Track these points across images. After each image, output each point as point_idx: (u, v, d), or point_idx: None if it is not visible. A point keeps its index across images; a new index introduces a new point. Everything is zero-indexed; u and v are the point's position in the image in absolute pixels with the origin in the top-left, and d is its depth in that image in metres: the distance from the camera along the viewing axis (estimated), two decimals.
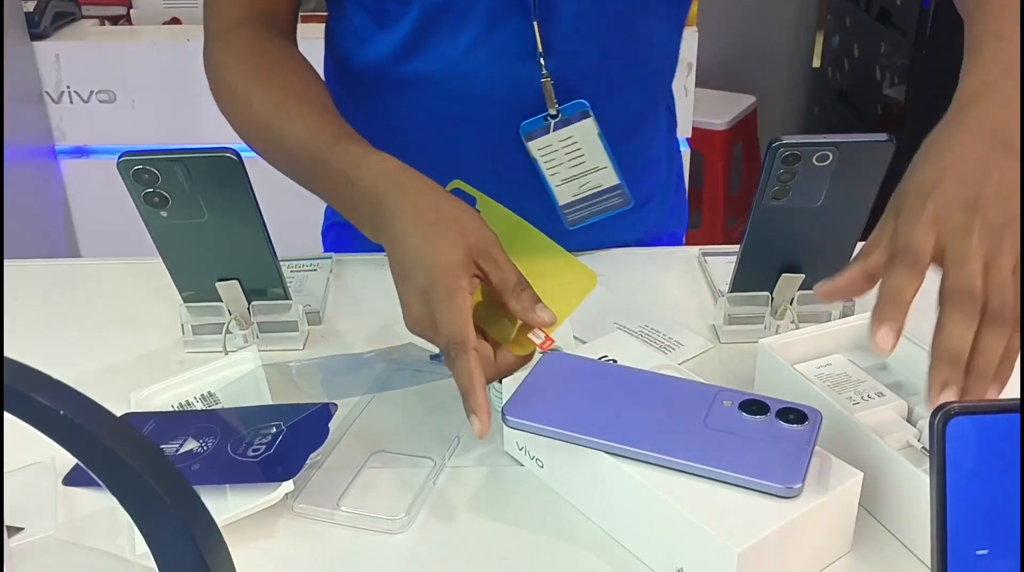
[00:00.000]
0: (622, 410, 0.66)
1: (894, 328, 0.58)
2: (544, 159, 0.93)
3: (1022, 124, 0.63)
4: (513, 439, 0.72)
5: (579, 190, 0.94)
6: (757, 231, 0.79)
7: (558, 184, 0.94)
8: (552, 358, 0.72)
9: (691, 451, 0.61)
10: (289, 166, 0.82)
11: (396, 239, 0.71)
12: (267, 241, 0.81)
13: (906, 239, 0.61)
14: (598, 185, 0.94)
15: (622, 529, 0.65)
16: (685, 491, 0.60)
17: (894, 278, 0.60)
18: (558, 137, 0.92)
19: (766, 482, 0.58)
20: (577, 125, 0.92)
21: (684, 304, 0.93)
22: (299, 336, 0.87)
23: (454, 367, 0.68)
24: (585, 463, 0.65)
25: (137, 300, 0.95)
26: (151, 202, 0.77)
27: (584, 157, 0.93)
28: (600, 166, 0.93)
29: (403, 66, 0.92)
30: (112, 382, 0.83)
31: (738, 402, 0.64)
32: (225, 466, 0.69)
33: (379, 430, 0.76)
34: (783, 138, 0.72)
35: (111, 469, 0.40)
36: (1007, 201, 0.61)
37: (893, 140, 0.73)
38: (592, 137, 0.92)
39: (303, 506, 0.68)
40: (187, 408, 0.78)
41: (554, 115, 0.91)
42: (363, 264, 1.01)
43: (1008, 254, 0.59)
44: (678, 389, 0.67)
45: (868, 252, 0.63)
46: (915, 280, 0.60)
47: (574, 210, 0.96)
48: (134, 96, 2.07)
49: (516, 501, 0.70)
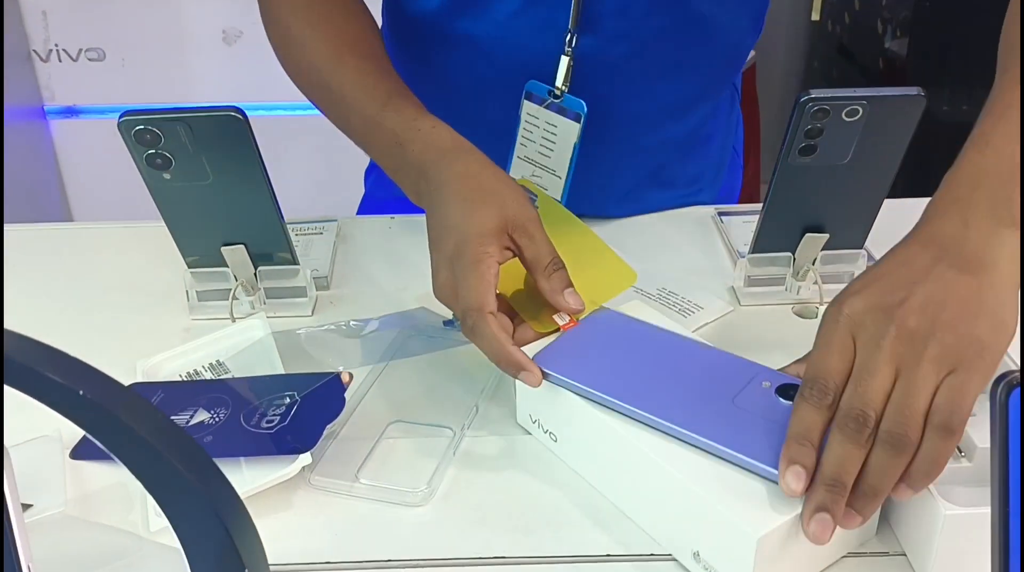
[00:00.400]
0: (652, 376, 0.64)
1: (804, 471, 0.54)
2: (525, 127, 0.90)
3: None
4: (526, 411, 0.70)
5: (529, 177, 0.91)
6: (781, 189, 0.77)
7: (519, 156, 0.91)
8: (600, 315, 0.70)
9: (708, 428, 0.59)
10: (339, 118, 0.81)
11: (436, 206, 0.70)
12: (274, 204, 0.78)
13: (814, 364, 0.57)
14: (544, 187, 0.90)
15: (637, 509, 0.63)
16: (704, 473, 0.57)
17: (801, 415, 0.55)
18: (546, 117, 0.89)
19: (772, 469, 0.56)
20: (565, 121, 0.88)
21: (701, 265, 0.91)
22: (307, 302, 0.85)
23: (473, 334, 0.66)
24: (599, 439, 0.63)
25: (137, 265, 0.92)
26: (154, 164, 0.74)
27: (552, 154, 0.89)
28: (557, 172, 0.90)
29: (453, 22, 0.89)
30: (116, 351, 0.80)
31: (777, 385, 0.61)
32: (239, 438, 0.67)
33: (395, 399, 0.74)
34: (812, 92, 0.70)
35: (132, 449, 0.38)
36: (938, 309, 0.54)
37: (924, 94, 0.70)
38: (568, 142, 0.88)
39: (320, 478, 0.66)
40: (196, 377, 0.76)
41: (557, 96, 0.88)
42: (369, 226, 0.98)
43: (930, 365, 0.53)
44: (718, 362, 0.65)
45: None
46: (823, 414, 0.55)
47: None
48: (124, 54, 2.03)
49: (539, 471, 0.68)
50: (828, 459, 0.54)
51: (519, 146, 0.91)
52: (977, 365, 0.54)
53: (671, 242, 0.95)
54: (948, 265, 0.56)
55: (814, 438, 0.55)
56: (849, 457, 0.53)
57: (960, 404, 0.53)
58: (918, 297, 0.55)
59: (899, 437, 0.52)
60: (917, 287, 0.55)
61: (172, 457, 0.38)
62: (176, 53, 1.99)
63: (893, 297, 0.55)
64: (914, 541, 0.60)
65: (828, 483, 0.53)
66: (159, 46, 2.01)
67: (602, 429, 0.62)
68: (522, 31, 0.87)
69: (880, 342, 0.54)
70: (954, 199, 0.60)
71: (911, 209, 0.64)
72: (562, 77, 0.87)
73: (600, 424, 0.62)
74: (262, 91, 1.95)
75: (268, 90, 1.94)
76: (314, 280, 0.86)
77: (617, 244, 0.93)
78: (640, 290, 0.86)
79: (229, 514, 0.41)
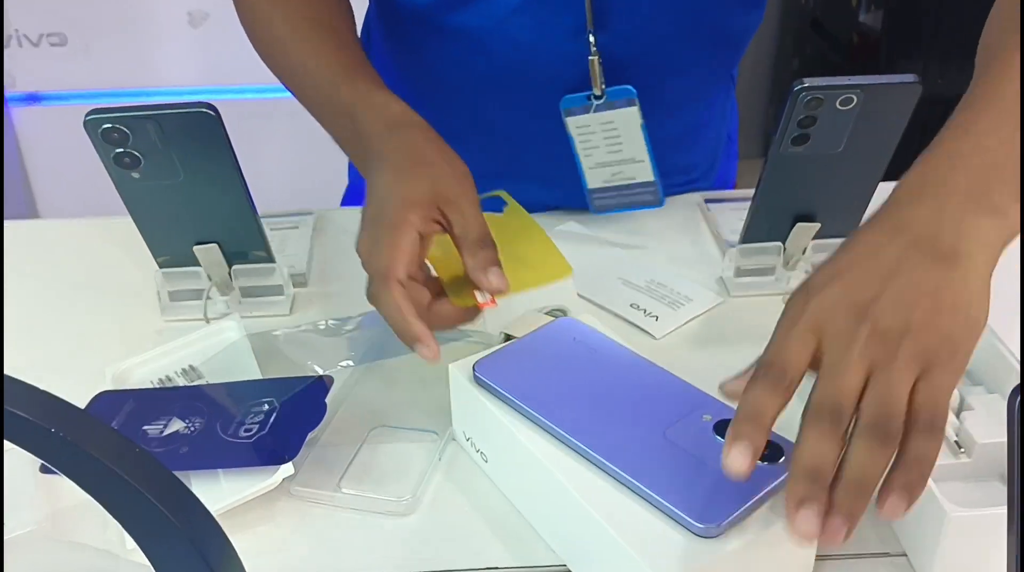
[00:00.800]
0: (591, 396, 0.61)
1: (750, 448, 0.50)
2: (580, 139, 0.87)
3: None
4: (460, 428, 0.68)
5: (611, 178, 0.89)
6: (773, 179, 0.75)
7: (591, 167, 0.89)
8: (559, 325, 0.67)
9: (628, 459, 0.56)
10: (300, 92, 0.79)
11: (373, 174, 0.68)
12: (248, 201, 0.75)
13: (774, 350, 0.53)
14: (631, 177, 0.88)
15: (553, 537, 0.61)
16: (617, 507, 0.54)
17: (755, 394, 0.51)
18: (599, 119, 0.86)
19: (682, 514, 0.52)
20: (620, 111, 0.85)
21: (689, 255, 0.89)
22: (285, 300, 0.82)
23: (374, 300, 0.65)
24: (521, 461, 0.61)
25: (106, 264, 0.89)
26: (122, 163, 0.71)
27: (622, 146, 0.87)
28: (637, 158, 0.87)
29: (449, 15, 0.86)
30: (85, 356, 0.77)
31: (717, 420, 0.58)
32: (216, 449, 0.64)
33: (377, 402, 0.72)
34: (806, 81, 0.68)
35: (111, 489, 0.35)
36: (911, 306, 0.51)
37: (920, 81, 0.68)
38: (634, 127, 0.86)
39: (302, 488, 0.64)
40: (168, 384, 0.73)
41: (598, 96, 0.85)
42: (348, 218, 0.95)
43: (905, 365, 0.50)
44: (665, 388, 0.61)
45: None
46: (778, 397, 0.51)
47: (602, 197, 0.90)
48: (87, 38, 1.98)
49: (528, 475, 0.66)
50: (804, 454, 0.50)
51: (584, 158, 0.89)
52: (951, 365, 0.51)
53: (658, 231, 0.93)
54: (921, 255, 0.53)
55: (766, 421, 0.51)
56: (827, 451, 0.49)
57: (941, 404, 0.50)
58: (891, 293, 0.52)
59: (883, 429, 0.49)
60: (889, 282, 0.52)
61: (143, 487, 0.36)
62: (141, 36, 1.94)
63: (864, 293, 0.52)
64: (916, 542, 0.59)
65: (808, 476, 0.49)
66: (123, 29, 1.96)
67: (523, 451, 0.60)
68: (524, 27, 0.84)
69: (852, 340, 0.51)
70: (928, 182, 0.56)
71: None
72: (597, 78, 0.84)
73: (521, 446, 0.60)
74: (231, 74, 1.91)
75: (237, 72, 1.90)
76: (291, 277, 0.83)
77: (600, 232, 0.91)
78: (629, 282, 0.84)
79: (210, 550, 0.38)
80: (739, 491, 0.53)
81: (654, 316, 0.80)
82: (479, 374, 0.63)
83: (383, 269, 0.64)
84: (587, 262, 0.86)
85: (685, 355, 0.77)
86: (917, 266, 0.52)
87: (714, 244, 0.90)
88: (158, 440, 0.65)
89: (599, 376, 0.63)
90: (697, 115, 0.98)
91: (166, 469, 0.37)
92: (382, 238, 0.64)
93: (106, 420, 0.68)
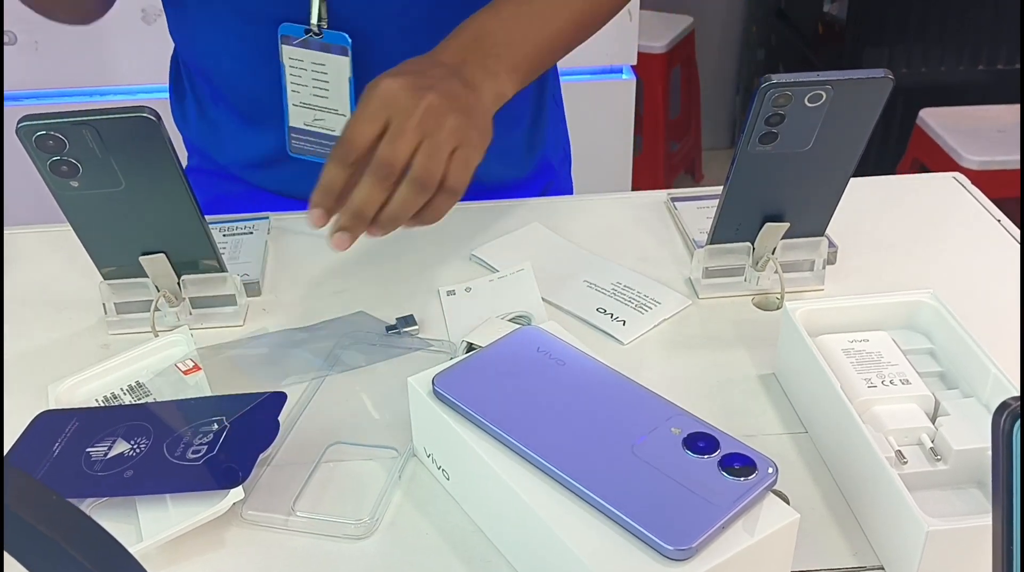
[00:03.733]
0: (555, 410, 0.58)
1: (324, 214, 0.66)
2: (291, 72, 0.85)
3: None
4: (420, 444, 0.65)
5: (312, 122, 0.86)
6: (740, 179, 0.72)
7: (295, 103, 0.86)
8: (523, 334, 0.65)
9: (594, 478, 0.53)
10: None
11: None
12: (195, 208, 0.72)
13: (347, 131, 0.66)
14: (331, 129, 0.85)
15: (517, 559, 0.58)
16: (584, 528, 0.52)
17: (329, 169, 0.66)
18: (311, 57, 0.84)
19: (652, 536, 0.50)
20: (333, 57, 0.83)
21: (656, 255, 0.86)
22: (237, 311, 0.79)
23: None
24: (483, 482, 0.58)
25: (49, 275, 0.85)
26: (59, 171, 0.67)
27: (328, 93, 0.85)
28: (340, 111, 0.85)
29: None
30: (26, 372, 0.74)
31: (687, 433, 0.56)
32: (163, 471, 0.61)
33: (333, 418, 0.68)
34: (773, 77, 0.65)
35: (34, 548, 0.32)
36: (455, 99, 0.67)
37: (891, 76, 0.66)
38: (342, 79, 0.84)
39: (254, 512, 0.61)
40: (114, 401, 0.69)
41: (317, 33, 0.83)
42: (304, 223, 0.91)
43: (448, 135, 0.65)
44: (632, 402, 0.59)
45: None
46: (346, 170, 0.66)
47: (301, 138, 0.88)
48: (37, 36, 1.92)
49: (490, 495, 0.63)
50: (356, 196, 0.65)
51: (291, 94, 0.87)
52: (478, 148, 0.68)
53: (622, 229, 0.90)
54: (457, 79, 0.70)
55: (336, 189, 0.66)
56: (374, 195, 0.65)
57: (468, 174, 0.67)
58: (443, 87, 0.67)
59: (424, 180, 0.65)
60: (441, 82, 0.68)
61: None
62: (92, 34, 1.88)
63: (424, 82, 0.67)
64: (893, 555, 0.57)
65: (353, 213, 0.65)
66: (74, 28, 1.90)
67: (485, 469, 0.57)
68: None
69: (412, 112, 0.65)
70: (460, 44, 0.74)
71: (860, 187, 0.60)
72: (316, 14, 0.82)
73: (483, 464, 0.57)
74: None
75: None
76: (244, 286, 0.80)
77: (564, 232, 0.88)
78: (594, 286, 0.81)
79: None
80: (710, 510, 0.51)
81: (621, 320, 0.77)
82: (439, 389, 0.60)
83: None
84: (551, 265, 0.83)
85: (654, 360, 0.74)
86: (454, 81, 0.69)
87: (682, 244, 0.88)
88: (102, 463, 0.62)
89: (564, 389, 0.60)
90: None
91: (86, 516, 0.33)
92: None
93: (48, 442, 0.64)
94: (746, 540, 0.51)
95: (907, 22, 2.39)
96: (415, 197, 0.65)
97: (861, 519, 0.61)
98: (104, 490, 0.61)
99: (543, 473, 0.55)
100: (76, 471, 0.62)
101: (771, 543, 0.52)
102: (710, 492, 0.52)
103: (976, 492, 0.61)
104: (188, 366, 0.70)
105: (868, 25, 2.40)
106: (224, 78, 0.92)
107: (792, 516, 0.53)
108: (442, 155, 0.65)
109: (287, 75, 0.86)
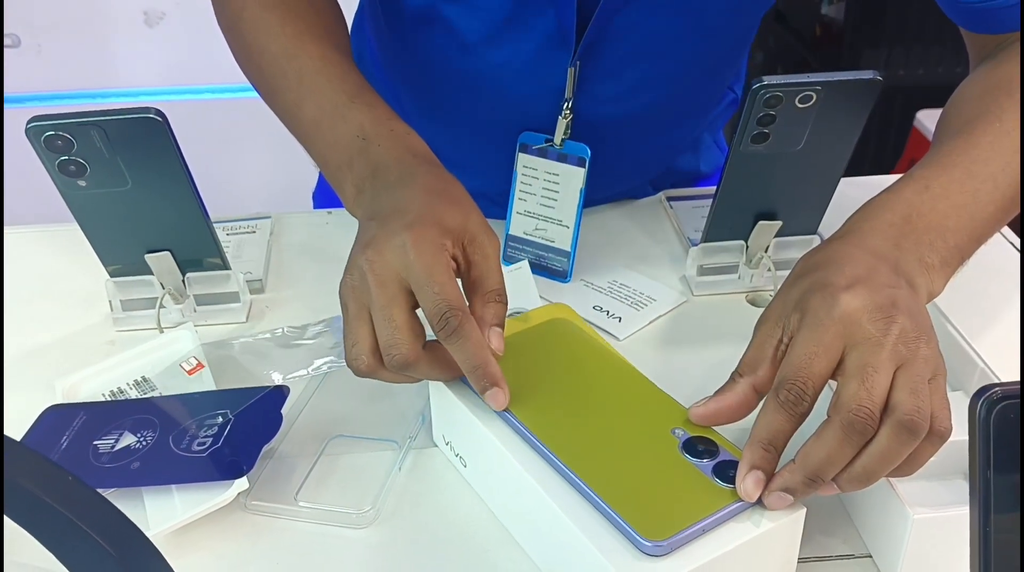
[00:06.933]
0: (568, 403, 0.60)
1: (763, 478, 0.53)
2: (523, 179, 0.84)
3: None
4: (440, 431, 0.66)
5: (532, 231, 0.85)
6: (733, 178, 0.74)
7: (519, 211, 0.85)
8: (550, 327, 0.67)
9: (591, 469, 0.55)
10: (289, 104, 0.74)
11: (395, 189, 0.64)
12: (199, 206, 0.73)
13: (798, 368, 0.53)
14: (551, 239, 0.85)
15: (530, 542, 0.60)
16: (590, 515, 0.53)
17: (770, 418, 0.53)
18: (546, 166, 0.83)
19: (631, 530, 0.51)
20: (569, 167, 0.82)
21: (652, 253, 0.88)
22: (241, 308, 0.80)
23: (456, 336, 0.57)
24: (496, 468, 0.60)
25: (56, 273, 0.87)
26: (67, 171, 0.69)
27: (556, 203, 0.84)
28: (564, 222, 0.84)
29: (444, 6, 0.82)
30: (34, 368, 0.75)
31: (685, 439, 0.57)
32: (169, 463, 0.62)
33: (335, 412, 0.70)
34: (764, 79, 0.67)
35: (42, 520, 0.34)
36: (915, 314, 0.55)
37: (880, 77, 0.68)
38: (574, 190, 0.83)
39: (257, 502, 0.62)
40: (120, 396, 0.71)
41: (558, 146, 0.82)
42: (305, 222, 0.93)
43: (924, 364, 0.53)
44: (643, 398, 0.60)
45: (757, 361, 0.56)
46: (793, 423, 0.53)
47: (516, 246, 0.86)
48: (40, 39, 1.94)
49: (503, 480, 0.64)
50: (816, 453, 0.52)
51: (518, 201, 0.85)
52: (944, 371, 0.54)
53: (620, 229, 0.92)
54: (904, 282, 0.57)
55: (779, 445, 0.53)
56: (844, 452, 0.52)
57: (948, 410, 0.53)
58: (902, 301, 0.54)
59: (917, 424, 0.51)
60: (896, 292, 0.55)
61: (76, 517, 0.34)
62: (95, 37, 1.90)
63: (882, 298, 0.54)
64: (881, 543, 0.59)
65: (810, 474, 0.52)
66: (77, 30, 1.92)
67: (498, 455, 0.59)
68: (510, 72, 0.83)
69: (883, 340, 0.52)
70: (889, 224, 0.60)
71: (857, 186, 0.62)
72: (560, 133, 0.82)
73: (496, 450, 0.59)
74: (188, 74, 1.88)
75: (195, 73, 1.87)
76: (247, 284, 0.81)
77: None
78: (590, 284, 0.82)
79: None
80: (693, 512, 0.52)
81: (617, 317, 0.79)
82: None
83: (458, 303, 0.57)
84: None
85: (649, 356, 0.76)
86: (903, 287, 0.56)
87: (677, 242, 0.89)
88: (109, 455, 0.63)
89: (580, 379, 0.62)
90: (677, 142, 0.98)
91: (100, 496, 0.35)
92: (433, 267, 0.58)
93: (56, 435, 0.66)
94: (724, 546, 0.52)
95: (905, 24, 2.40)
96: (902, 446, 0.51)
97: (850, 509, 0.62)
98: (111, 481, 0.62)
99: (550, 465, 0.56)
100: (84, 463, 0.63)
101: (776, 535, 0.54)
102: (699, 496, 0.53)
103: (962, 483, 0.62)
104: (192, 365, 0.72)
105: (866, 27, 2.41)
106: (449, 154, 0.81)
107: (799, 509, 0.54)
108: (926, 390, 0.52)
109: (517, 182, 0.85)
